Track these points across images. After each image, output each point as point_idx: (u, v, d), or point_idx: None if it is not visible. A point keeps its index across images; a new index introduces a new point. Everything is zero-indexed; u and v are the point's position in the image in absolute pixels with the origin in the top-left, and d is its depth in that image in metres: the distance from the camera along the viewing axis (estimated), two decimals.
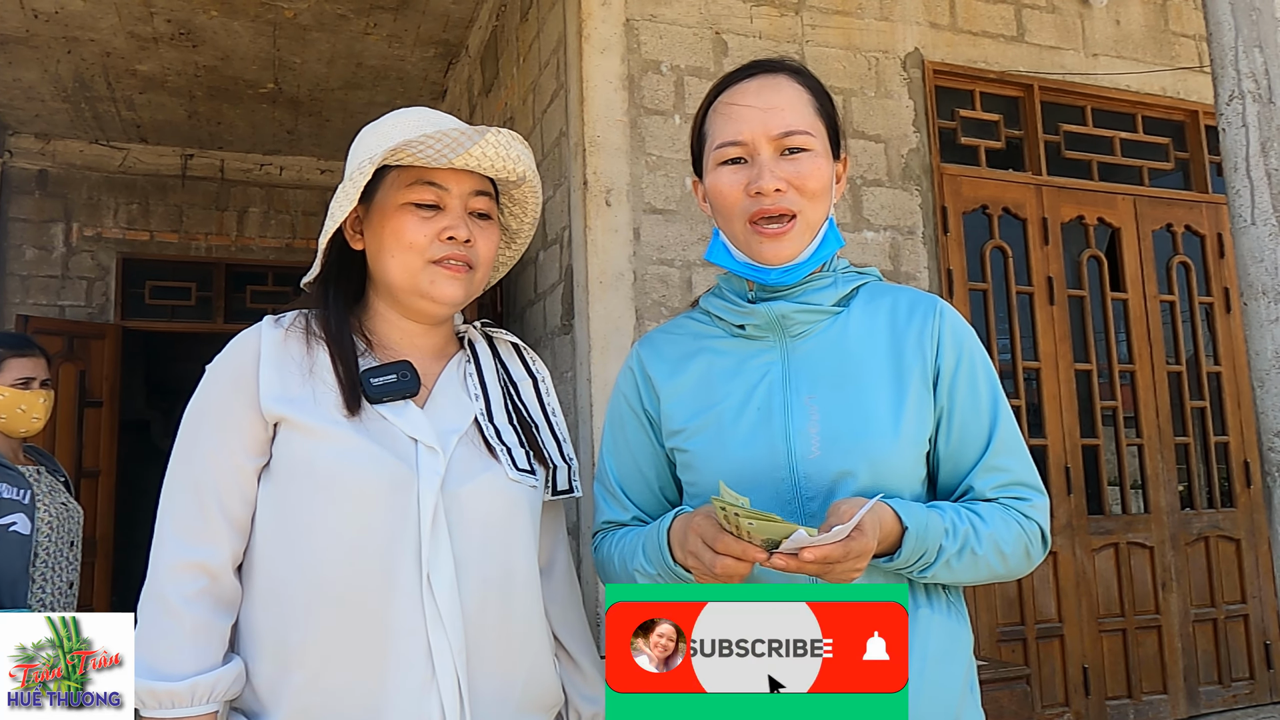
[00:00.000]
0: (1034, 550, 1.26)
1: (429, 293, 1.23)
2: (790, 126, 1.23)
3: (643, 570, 1.24)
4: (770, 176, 1.21)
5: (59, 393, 5.81)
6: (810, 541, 1.01)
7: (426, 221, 1.23)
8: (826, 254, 1.28)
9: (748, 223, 1.24)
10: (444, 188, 1.25)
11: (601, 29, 3.70)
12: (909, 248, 4.08)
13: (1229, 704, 4.41)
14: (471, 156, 1.22)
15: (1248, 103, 2.23)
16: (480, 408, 1.27)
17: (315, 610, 1.13)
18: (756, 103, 1.25)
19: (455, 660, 1.15)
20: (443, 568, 1.15)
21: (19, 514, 2.61)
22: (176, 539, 1.16)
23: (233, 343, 1.24)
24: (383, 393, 1.20)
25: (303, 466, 1.15)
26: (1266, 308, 2.22)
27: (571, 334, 3.70)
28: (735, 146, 1.24)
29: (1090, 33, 4.61)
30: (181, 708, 1.10)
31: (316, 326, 1.24)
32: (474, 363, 1.32)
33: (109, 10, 4.93)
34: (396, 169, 1.25)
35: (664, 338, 1.38)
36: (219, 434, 1.18)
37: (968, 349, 1.27)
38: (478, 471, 1.21)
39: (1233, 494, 4.63)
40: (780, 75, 1.28)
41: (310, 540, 1.14)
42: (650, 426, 1.35)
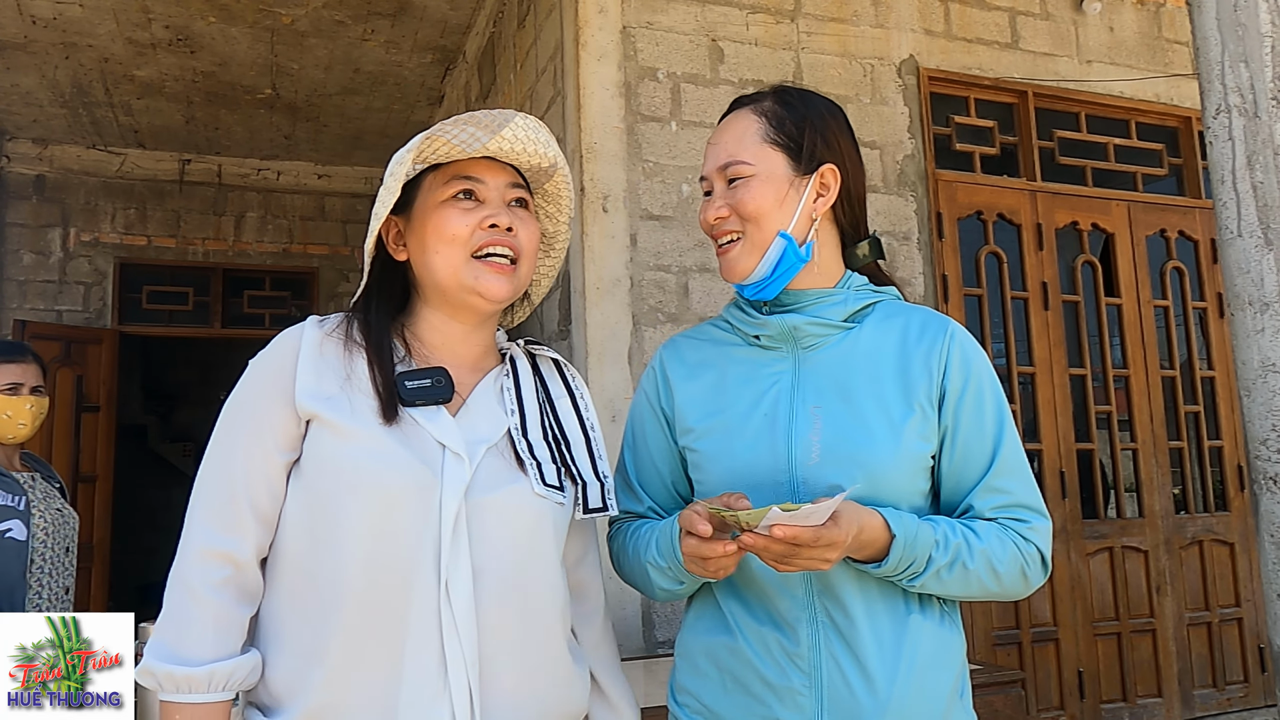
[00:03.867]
0: (1031, 572, 1.28)
1: (475, 287, 1.23)
2: (729, 158, 1.34)
3: (654, 563, 1.29)
4: (711, 208, 1.35)
5: (55, 398, 5.84)
6: (781, 519, 1.06)
7: (467, 213, 1.24)
8: (790, 264, 1.31)
9: (717, 247, 1.37)
10: (480, 180, 1.26)
11: (598, 36, 3.72)
12: (904, 253, 4.10)
13: (1223, 707, 4.42)
14: (504, 139, 1.24)
15: (1234, 117, 2.25)
16: (515, 422, 1.26)
17: (337, 609, 1.13)
18: (715, 140, 1.38)
19: (468, 671, 1.14)
20: (461, 576, 1.15)
21: (14, 520, 2.61)
22: (205, 527, 1.16)
23: (275, 339, 1.25)
24: (415, 396, 1.20)
25: (329, 465, 1.16)
26: (1252, 318, 2.24)
27: (569, 340, 3.71)
28: (704, 182, 1.39)
29: (1084, 40, 4.64)
30: (198, 693, 1.10)
31: (357, 333, 1.25)
32: (513, 378, 1.31)
33: (107, 16, 4.94)
34: (432, 173, 1.27)
35: (687, 342, 1.46)
36: (253, 427, 1.19)
37: (976, 371, 1.30)
38: (504, 482, 1.21)
39: (1226, 498, 4.65)
40: (741, 110, 1.39)
41: (334, 539, 1.14)
42: (666, 425, 1.41)
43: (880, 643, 1.22)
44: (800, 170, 1.33)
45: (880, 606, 1.24)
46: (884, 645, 1.22)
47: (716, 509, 1.12)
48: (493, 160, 1.28)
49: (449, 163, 1.27)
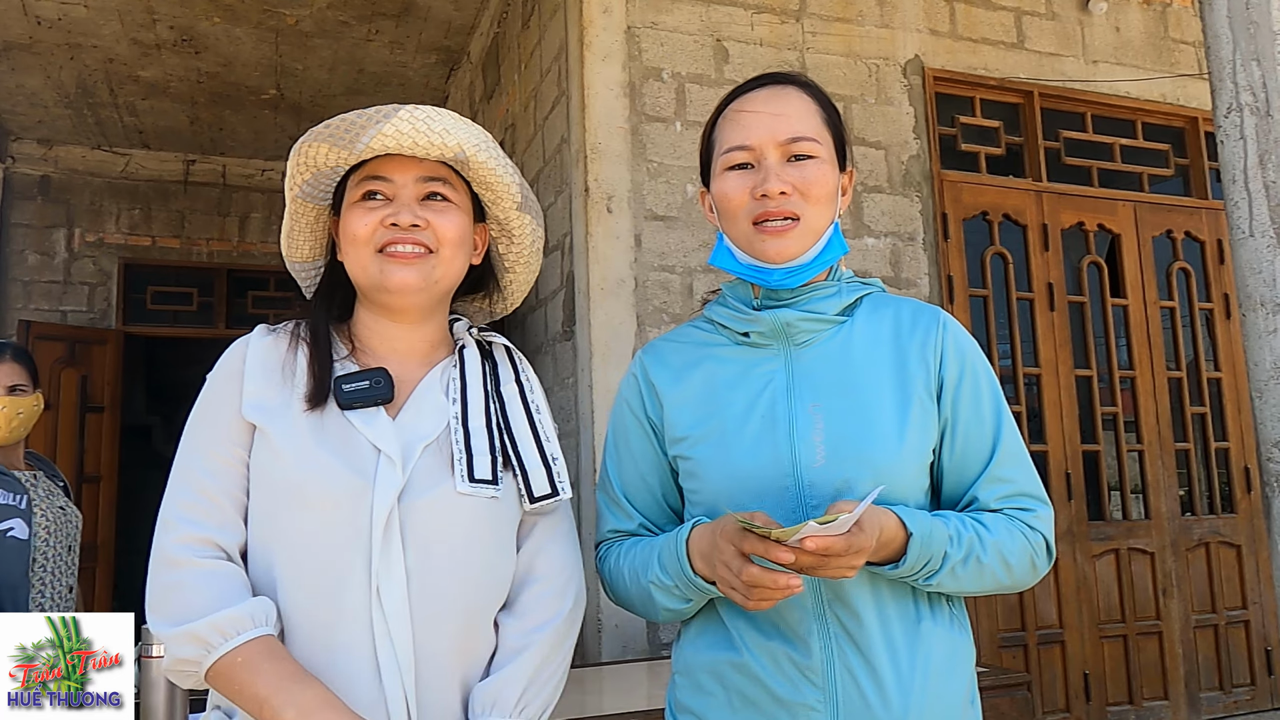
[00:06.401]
0: (1039, 561, 1.26)
1: (382, 282, 1.23)
2: (797, 133, 1.25)
3: (659, 582, 1.24)
4: (776, 180, 1.23)
5: (60, 398, 5.84)
6: (816, 531, 1.02)
7: (371, 212, 1.23)
8: (830, 258, 1.29)
9: (751, 223, 1.25)
10: (388, 179, 1.25)
11: (603, 36, 3.71)
12: (909, 254, 4.08)
13: (1230, 710, 4.40)
14: (387, 135, 1.21)
15: (1245, 115, 2.23)
16: (455, 411, 1.25)
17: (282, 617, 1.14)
18: (765, 109, 1.27)
19: (404, 678, 1.13)
20: (393, 580, 1.14)
21: (16, 519, 2.60)
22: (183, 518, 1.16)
23: (226, 351, 1.26)
24: (353, 399, 1.20)
25: (266, 478, 1.17)
26: (1265, 319, 2.23)
27: (573, 340, 3.70)
28: (742, 151, 1.26)
29: (1090, 40, 4.63)
30: (246, 631, 1.08)
31: (303, 331, 1.26)
32: (460, 367, 1.30)
33: (112, 17, 4.95)
34: (352, 174, 1.27)
35: (668, 345, 1.39)
36: (214, 434, 1.20)
37: (970, 360, 1.28)
38: (437, 482, 1.19)
39: (1233, 500, 4.63)
40: (789, 86, 1.31)
41: (275, 548, 1.15)
42: (653, 434, 1.35)
43: (894, 651, 1.19)
44: (839, 165, 1.31)
45: (892, 611, 1.20)
46: (897, 654, 1.19)
47: (748, 524, 1.07)
48: (404, 156, 1.25)
49: (364, 163, 1.26)
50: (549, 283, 4.04)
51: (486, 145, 1.28)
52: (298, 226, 1.33)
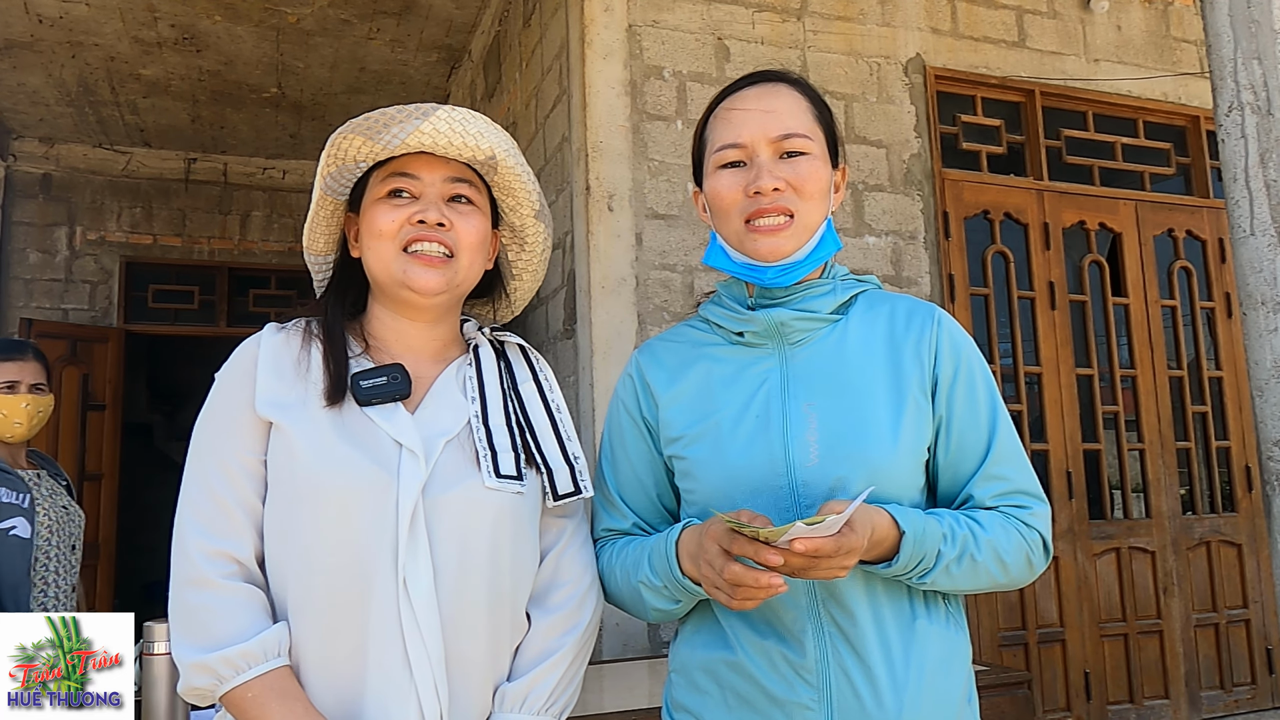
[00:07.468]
0: (1035, 559, 1.25)
1: (406, 282, 1.23)
2: (789, 129, 1.26)
3: (648, 582, 1.24)
4: (769, 176, 1.23)
5: (61, 397, 5.85)
6: (804, 532, 1.02)
7: (398, 209, 1.24)
8: (823, 255, 1.29)
9: (744, 221, 1.25)
10: (415, 176, 1.25)
11: (604, 35, 3.71)
12: (910, 253, 4.08)
13: (1230, 709, 4.40)
14: (424, 134, 1.22)
15: (1246, 114, 2.23)
16: (476, 409, 1.25)
17: (306, 612, 1.14)
18: (756, 106, 1.27)
19: (434, 670, 1.13)
20: (420, 574, 1.14)
21: (18, 518, 2.61)
22: (200, 530, 1.15)
23: (236, 350, 1.25)
24: (371, 395, 1.20)
25: (286, 473, 1.16)
26: (1265, 318, 2.23)
27: (574, 339, 3.70)
28: (735, 149, 1.26)
29: (1091, 38, 4.62)
30: (257, 665, 1.09)
31: (315, 327, 1.26)
32: (475, 366, 1.30)
33: (113, 15, 4.95)
34: (376, 169, 1.27)
35: (663, 345, 1.39)
36: (227, 435, 1.19)
37: (965, 357, 1.28)
38: (463, 478, 1.20)
39: (1234, 499, 4.63)
40: (780, 83, 1.31)
41: (299, 543, 1.15)
42: (649, 434, 1.35)
43: (888, 650, 1.18)
44: (832, 162, 1.31)
45: (887, 610, 1.20)
46: (892, 653, 1.18)
47: (734, 523, 1.06)
48: (433, 156, 1.26)
49: (390, 160, 1.27)
50: (550, 281, 4.04)
51: (514, 151, 1.29)
52: (318, 219, 1.33)
